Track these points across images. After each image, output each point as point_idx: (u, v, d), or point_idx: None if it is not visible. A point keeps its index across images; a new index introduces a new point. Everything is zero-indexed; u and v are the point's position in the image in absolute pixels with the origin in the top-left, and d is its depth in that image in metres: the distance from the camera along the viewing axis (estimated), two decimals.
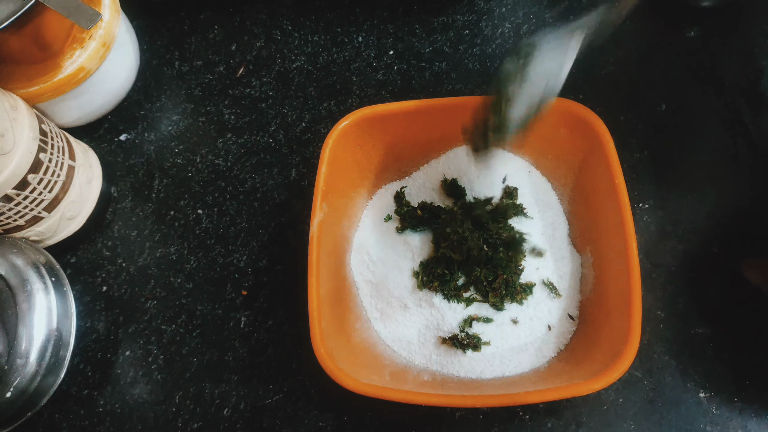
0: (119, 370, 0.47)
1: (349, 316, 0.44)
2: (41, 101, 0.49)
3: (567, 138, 0.45)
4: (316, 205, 0.43)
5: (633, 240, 0.39)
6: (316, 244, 0.42)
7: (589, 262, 0.44)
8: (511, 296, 0.43)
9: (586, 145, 0.44)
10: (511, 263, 0.43)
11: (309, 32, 0.60)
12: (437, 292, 0.44)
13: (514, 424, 0.43)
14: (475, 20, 0.58)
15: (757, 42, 0.54)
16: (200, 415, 0.46)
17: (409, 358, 0.44)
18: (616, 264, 0.40)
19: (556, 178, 0.48)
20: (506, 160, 0.48)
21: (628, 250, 0.39)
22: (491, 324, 0.43)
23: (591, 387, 0.36)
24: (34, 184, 0.44)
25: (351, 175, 0.48)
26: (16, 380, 0.42)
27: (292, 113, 0.56)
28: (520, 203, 0.46)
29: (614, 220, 0.41)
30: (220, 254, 0.51)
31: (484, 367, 0.42)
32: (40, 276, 0.45)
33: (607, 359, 0.37)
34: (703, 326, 0.45)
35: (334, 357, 0.39)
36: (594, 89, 0.54)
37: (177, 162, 0.55)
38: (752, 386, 0.43)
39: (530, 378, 0.41)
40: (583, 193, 0.45)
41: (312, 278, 0.41)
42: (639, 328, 0.37)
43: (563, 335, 0.43)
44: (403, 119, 0.46)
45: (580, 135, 0.44)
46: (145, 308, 0.49)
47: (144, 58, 0.59)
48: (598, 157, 0.43)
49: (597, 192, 0.43)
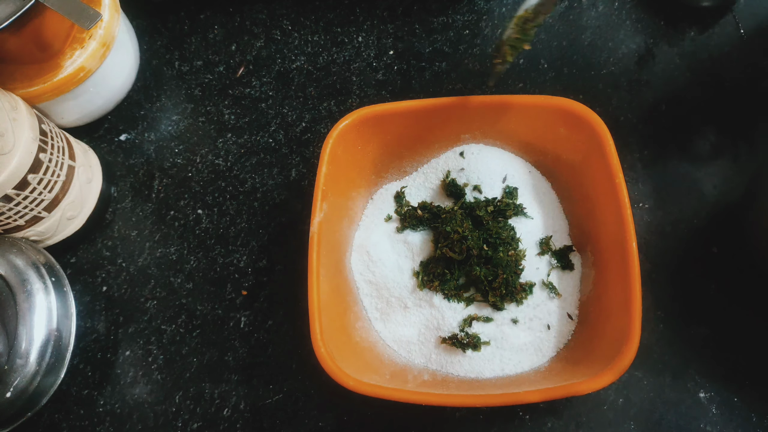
0: (119, 370, 0.47)
1: (349, 316, 0.44)
2: (41, 101, 0.49)
3: (567, 137, 0.45)
4: (317, 205, 0.43)
5: (633, 239, 0.39)
6: (316, 244, 0.42)
7: (589, 262, 0.44)
8: (511, 296, 0.43)
9: (586, 144, 0.44)
10: (511, 263, 0.43)
11: (309, 32, 0.60)
12: (437, 291, 0.44)
13: (514, 424, 0.43)
14: (475, 20, 0.58)
15: (757, 42, 0.54)
16: (200, 415, 0.46)
17: (409, 358, 0.44)
18: (616, 263, 0.40)
19: (556, 178, 0.48)
20: (507, 159, 0.48)
21: (627, 250, 0.39)
22: (491, 324, 0.43)
23: (590, 386, 0.36)
24: (34, 184, 0.44)
25: (351, 174, 0.47)
26: (16, 380, 0.42)
27: (292, 113, 0.56)
28: (520, 203, 0.46)
29: (614, 219, 0.41)
30: (220, 254, 0.51)
31: (483, 367, 0.42)
32: (40, 276, 0.45)
33: (607, 358, 0.37)
34: (703, 326, 0.45)
35: (335, 357, 0.39)
36: (594, 89, 0.54)
37: (177, 162, 0.55)
38: (752, 386, 0.43)
39: (530, 377, 0.41)
40: (583, 193, 0.45)
41: (312, 278, 0.41)
42: (639, 327, 0.37)
43: (563, 335, 0.43)
44: (402, 119, 0.46)
45: (580, 134, 0.44)
46: (145, 308, 0.49)
47: (144, 58, 0.59)
48: (598, 157, 0.43)
49: (597, 191, 0.43)
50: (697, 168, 0.50)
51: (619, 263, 0.40)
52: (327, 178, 0.44)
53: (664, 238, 0.48)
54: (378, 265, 0.46)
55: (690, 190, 0.49)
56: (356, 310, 0.45)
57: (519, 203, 0.46)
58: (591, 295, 0.43)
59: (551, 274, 0.45)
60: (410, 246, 0.46)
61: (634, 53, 0.55)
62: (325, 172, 0.44)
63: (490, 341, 0.43)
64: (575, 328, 0.43)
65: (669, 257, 0.47)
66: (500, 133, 0.45)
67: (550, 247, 0.45)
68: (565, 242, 0.46)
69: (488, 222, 0.45)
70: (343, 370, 0.38)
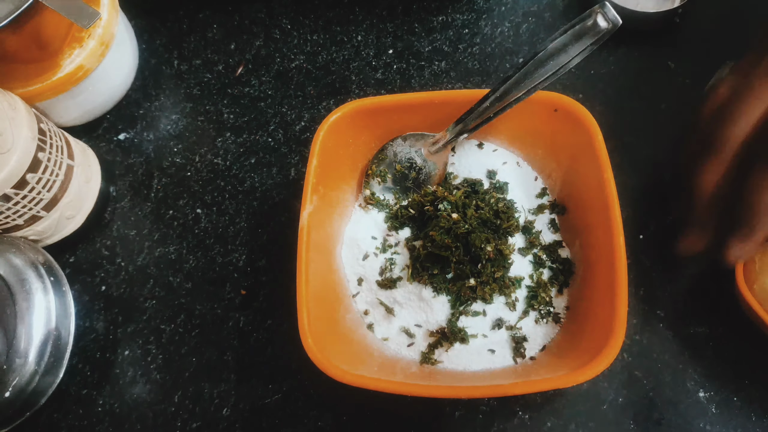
0: (118, 369, 0.47)
1: (338, 309, 0.44)
2: (40, 100, 0.49)
3: (557, 132, 0.45)
4: (306, 198, 0.43)
5: (620, 234, 0.39)
6: (305, 236, 0.42)
7: (579, 256, 0.44)
8: (500, 290, 0.43)
9: (575, 139, 0.44)
10: (499, 257, 0.44)
11: (308, 31, 0.60)
12: (426, 285, 0.44)
13: (514, 424, 0.43)
14: (474, 19, 0.58)
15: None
16: (199, 414, 0.45)
17: (397, 351, 0.44)
18: (604, 258, 0.41)
19: (545, 172, 0.48)
20: (497, 154, 0.49)
21: (614, 244, 0.39)
22: (479, 317, 0.43)
23: (576, 379, 0.36)
24: (33, 184, 0.43)
25: (342, 168, 0.48)
26: (14, 380, 0.41)
27: (291, 112, 0.56)
28: (510, 198, 0.46)
29: (603, 214, 0.41)
30: (219, 254, 0.51)
31: (471, 360, 0.42)
32: (38, 275, 0.45)
33: (593, 352, 0.37)
34: (703, 326, 0.45)
35: (323, 348, 0.39)
36: (594, 89, 0.54)
37: (176, 161, 0.55)
38: (752, 386, 0.43)
39: (517, 370, 0.41)
40: (573, 188, 0.46)
41: (301, 270, 0.41)
42: (624, 321, 0.37)
43: (551, 328, 0.43)
44: (395, 113, 0.47)
45: (570, 129, 0.44)
46: (144, 308, 0.49)
47: (143, 57, 0.59)
48: (587, 151, 0.43)
49: (587, 186, 0.44)
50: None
51: (607, 258, 0.40)
52: (317, 170, 0.44)
53: (665, 237, 0.48)
54: (368, 258, 0.46)
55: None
56: (346, 303, 0.45)
57: (510, 198, 0.46)
58: (579, 289, 0.44)
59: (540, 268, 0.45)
60: (400, 240, 0.47)
61: (634, 52, 0.55)
62: (316, 164, 0.44)
63: (478, 334, 0.43)
64: (563, 322, 0.43)
65: (669, 257, 0.47)
66: (491, 127, 0.46)
67: (540, 241, 0.46)
68: (554, 237, 0.46)
69: (483, 199, 0.45)
70: (330, 361, 0.38)
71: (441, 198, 0.45)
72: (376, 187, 0.49)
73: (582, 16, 0.38)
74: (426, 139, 0.47)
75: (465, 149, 0.49)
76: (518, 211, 0.46)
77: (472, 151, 0.49)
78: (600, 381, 0.44)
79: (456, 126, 0.44)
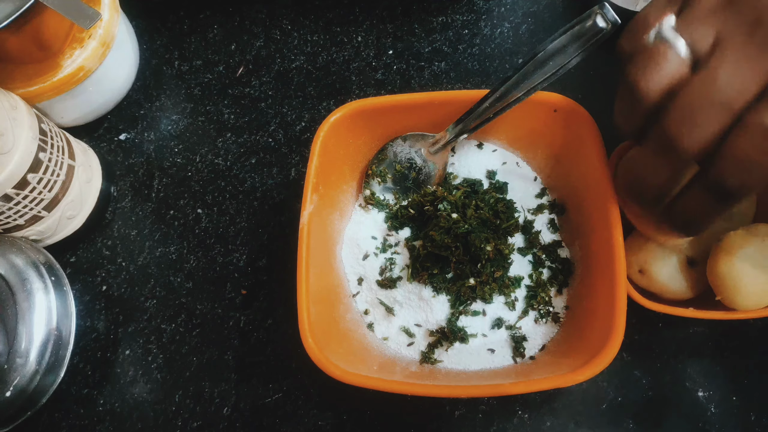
0: (119, 369, 0.47)
1: (338, 308, 0.44)
2: (41, 101, 0.49)
3: (556, 132, 0.46)
4: (307, 198, 0.43)
5: (619, 234, 0.39)
6: (306, 236, 0.42)
7: (578, 256, 0.45)
8: (499, 289, 0.43)
9: (575, 139, 0.44)
10: (499, 257, 0.44)
11: (308, 32, 0.60)
12: (426, 284, 0.44)
13: (513, 423, 0.43)
14: (474, 20, 0.58)
15: None
16: (200, 414, 0.46)
17: (397, 350, 0.44)
18: (603, 258, 0.41)
19: (545, 172, 0.48)
20: (496, 154, 0.49)
21: (614, 244, 0.39)
22: (479, 316, 0.43)
23: (575, 378, 0.36)
24: (34, 184, 0.44)
25: (342, 168, 0.48)
26: (15, 379, 0.42)
27: (291, 113, 0.56)
28: (510, 198, 0.47)
29: (602, 214, 0.41)
30: (220, 253, 0.51)
31: (471, 359, 0.42)
32: (39, 275, 0.45)
33: (593, 351, 0.37)
34: (702, 326, 0.45)
35: (323, 347, 0.39)
36: (594, 89, 0.54)
37: (177, 161, 0.55)
38: (752, 386, 0.43)
39: (516, 370, 0.41)
40: (573, 188, 0.46)
41: (301, 269, 0.41)
42: (623, 320, 0.37)
43: (550, 328, 0.43)
44: (395, 113, 0.47)
45: (570, 129, 0.44)
46: (144, 307, 0.49)
47: (143, 57, 0.59)
48: (586, 151, 0.43)
49: (586, 186, 0.44)
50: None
51: (607, 257, 0.40)
52: (318, 171, 0.44)
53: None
54: (368, 258, 0.47)
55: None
56: (346, 303, 0.45)
57: (509, 198, 0.46)
58: (579, 288, 0.44)
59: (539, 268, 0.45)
60: (400, 239, 0.47)
61: None
62: (316, 164, 0.44)
63: (478, 334, 0.43)
64: (563, 321, 0.43)
65: None
66: (490, 127, 0.46)
67: (539, 241, 0.46)
68: (553, 237, 0.46)
69: (483, 198, 0.45)
70: (330, 360, 0.38)
71: (441, 198, 0.45)
72: (376, 187, 0.49)
73: (581, 16, 0.38)
74: (426, 139, 0.47)
75: (465, 149, 0.49)
76: (518, 211, 0.46)
77: (471, 152, 0.49)
78: (599, 380, 0.44)
79: (456, 126, 0.44)
